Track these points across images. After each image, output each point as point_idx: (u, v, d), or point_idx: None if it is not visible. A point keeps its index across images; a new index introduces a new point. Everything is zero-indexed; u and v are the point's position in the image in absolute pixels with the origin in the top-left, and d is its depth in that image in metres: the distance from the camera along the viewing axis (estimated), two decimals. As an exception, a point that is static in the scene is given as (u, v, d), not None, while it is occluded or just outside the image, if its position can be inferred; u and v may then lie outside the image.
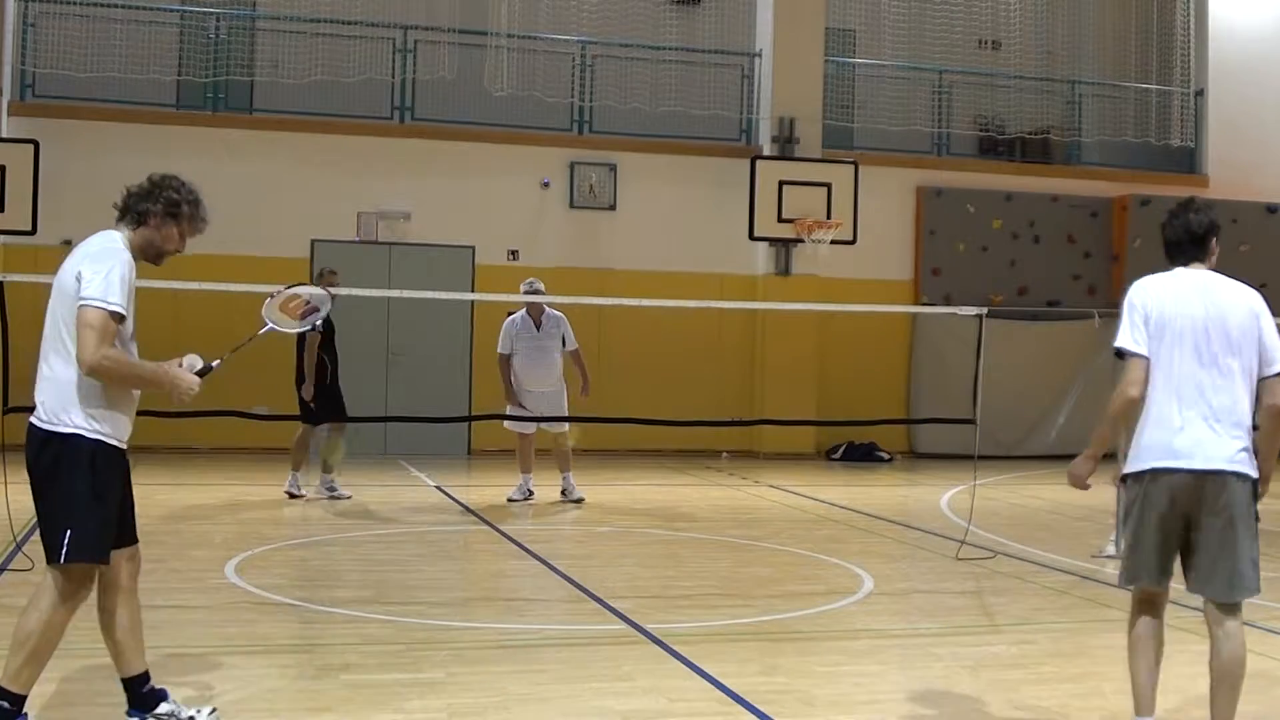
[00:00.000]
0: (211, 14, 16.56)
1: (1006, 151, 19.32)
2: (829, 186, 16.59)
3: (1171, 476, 4.53)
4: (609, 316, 15.53)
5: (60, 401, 4.40)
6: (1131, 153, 19.18)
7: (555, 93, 17.33)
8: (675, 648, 6.18)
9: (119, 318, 4.34)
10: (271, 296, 5.66)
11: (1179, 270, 4.75)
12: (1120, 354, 4.66)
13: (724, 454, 17.19)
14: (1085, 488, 4.82)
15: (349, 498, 11.73)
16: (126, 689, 4.62)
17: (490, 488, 13.06)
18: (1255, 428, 4.66)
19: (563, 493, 12.13)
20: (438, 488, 13.08)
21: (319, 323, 5.62)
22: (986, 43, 19.00)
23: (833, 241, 16.52)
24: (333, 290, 11.39)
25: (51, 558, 4.39)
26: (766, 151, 17.28)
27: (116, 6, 16.18)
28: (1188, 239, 4.74)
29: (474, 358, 16.67)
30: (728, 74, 17.93)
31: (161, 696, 4.65)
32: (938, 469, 15.87)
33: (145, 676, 4.62)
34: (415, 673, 5.65)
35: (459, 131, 16.79)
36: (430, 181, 16.71)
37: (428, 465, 14.90)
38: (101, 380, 4.33)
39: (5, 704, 4.33)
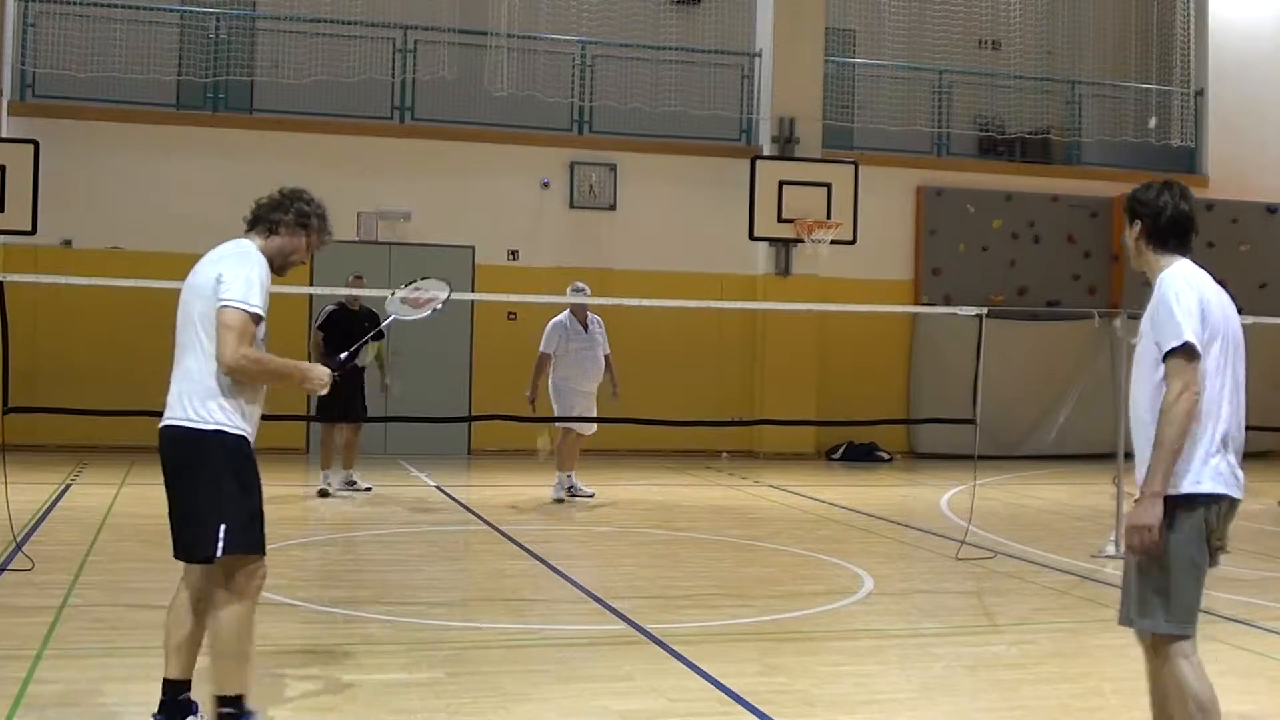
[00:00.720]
0: (211, 14, 16.56)
1: (1006, 151, 19.32)
2: (829, 186, 16.58)
3: (1232, 505, 4.05)
4: (609, 316, 15.42)
5: (201, 399, 4.51)
6: (1131, 153, 19.17)
7: (555, 93, 17.33)
8: (675, 648, 6.18)
9: (257, 319, 4.48)
10: (393, 293, 5.87)
11: (1189, 262, 4.16)
12: (1173, 352, 3.94)
13: (724, 454, 17.19)
14: (1158, 544, 3.93)
15: (356, 493, 11.88)
16: (163, 689, 4.64)
17: (490, 488, 13.07)
18: None
19: (570, 490, 12.20)
20: (438, 488, 13.08)
21: (439, 307, 5.86)
22: (986, 43, 19.00)
23: (833, 241, 16.50)
24: (353, 292, 11.49)
25: (205, 553, 4.46)
26: (766, 151, 17.28)
27: (116, 6, 16.18)
28: (1188, 225, 4.18)
29: (474, 358, 16.67)
30: (728, 74, 17.92)
31: (190, 710, 4.65)
32: (938, 469, 15.87)
33: (185, 685, 4.65)
34: (415, 673, 5.65)
35: (459, 131, 16.79)
36: (430, 181, 16.70)
37: (428, 465, 14.90)
38: (240, 378, 4.46)
39: (231, 710, 4.44)
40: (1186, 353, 3.93)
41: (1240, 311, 4.40)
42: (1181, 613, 3.98)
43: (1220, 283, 4.31)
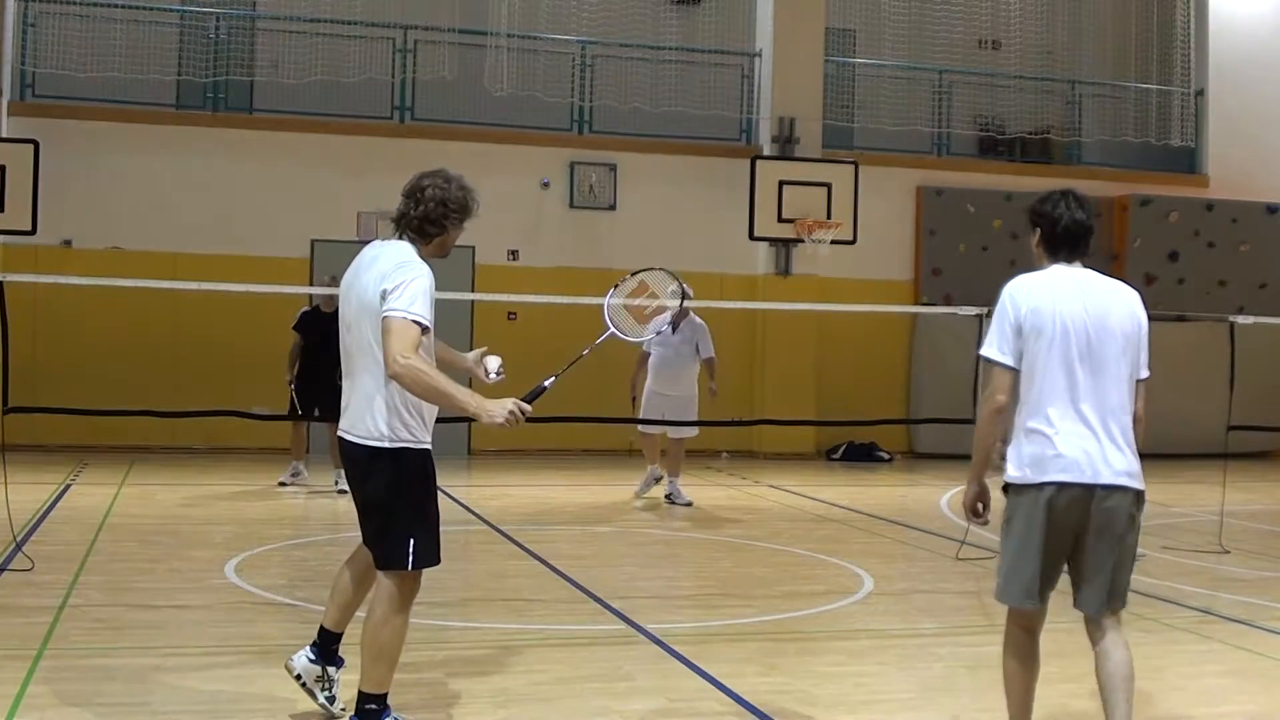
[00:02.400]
0: (211, 14, 16.55)
1: (1006, 151, 19.31)
2: (829, 186, 16.58)
3: (1060, 491, 4.26)
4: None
5: (384, 416, 4.56)
6: (1131, 153, 19.17)
7: (555, 93, 17.32)
8: (675, 648, 6.18)
9: (423, 329, 4.47)
10: (615, 289, 5.84)
11: (1057, 268, 4.48)
12: (982, 359, 4.44)
13: (724, 454, 17.18)
14: (984, 521, 4.54)
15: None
16: (320, 635, 5.02)
17: (490, 488, 13.07)
18: None
19: (668, 496, 12.07)
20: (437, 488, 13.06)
21: (659, 332, 5.90)
22: (986, 43, 18.98)
23: (833, 241, 16.50)
24: (327, 291, 11.53)
25: (394, 565, 4.62)
26: (766, 151, 17.27)
27: (116, 6, 16.16)
28: (1081, 234, 4.46)
29: (474, 358, 16.63)
30: (728, 74, 17.92)
31: (338, 662, 5.03)
32: (938, 469, 15.86)
33: (338, 638, 5.02)
34: (417, 673, 5.64)
35: (459, 131, 16.76)
36: (430, 181, 16.66)
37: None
38: (404, 386, 4.42)
39: (373, 706, 4.68)
40: (988, 362, 4.39)
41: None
42: (1005, 584, 4.41)
43: (1141, 282, 4.39)
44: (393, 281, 4.49)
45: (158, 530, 9.77)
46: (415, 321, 4.41)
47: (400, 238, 4.79)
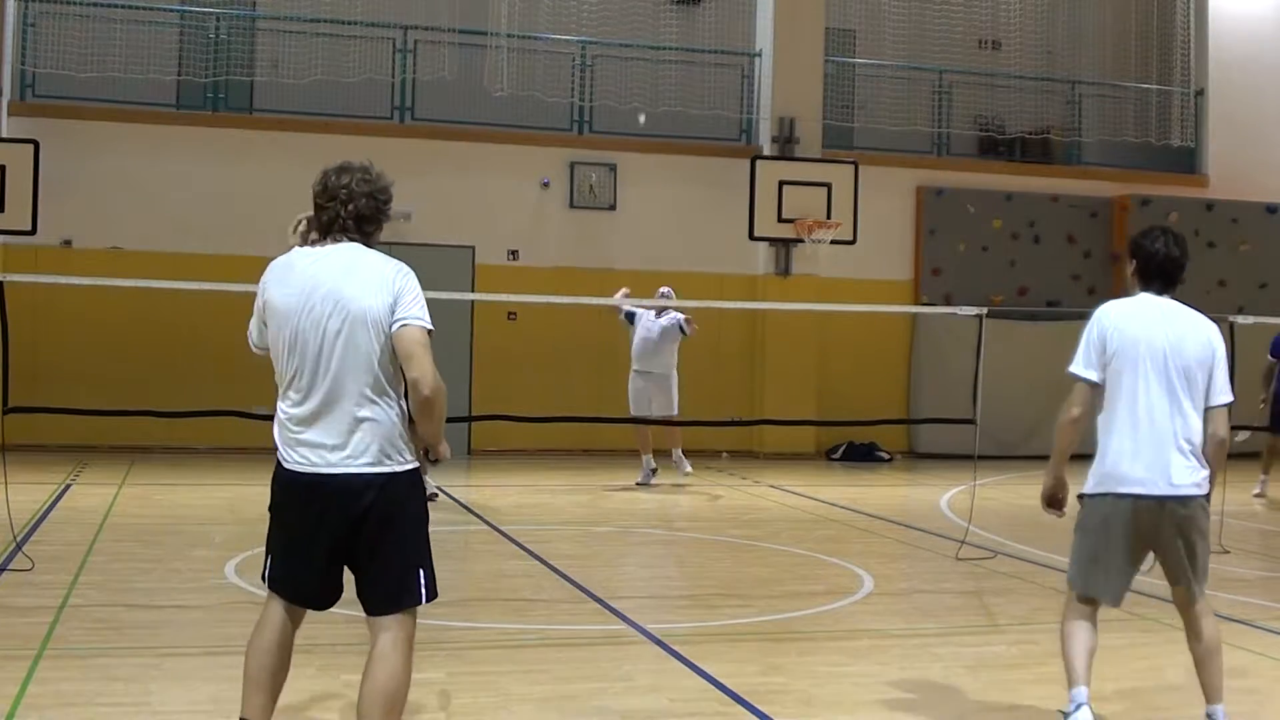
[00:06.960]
0: (211, 14, 16.55)
1: (1006, 151, 19.30)
2: (829, 186, 16.56)
3: (1135, 501, 4.75)
4: (609, 316, 15.49)
5: (390, 438, 4.10)
6: (1131, 153, 19.17)
7: (555, 93, 17.32)
8: (675, 648, 6.18)
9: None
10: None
11: (1146, 296, 4.95)
12: (1069, 374, 4.91)
13: (724, 454, 17.18)
14: (1060, 514, 5.10)
15: None
16: None
17: (490, 488, 13.06)
18: None
19: (685, 472, 13.42)
20: (438, 488, 13.07)
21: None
22: (986, 43, 18.98)
23: (833, 241, 16.50)
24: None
25: (411, 603, 4.15)
26: (766, 151, 17.26)
27: (116, 6, 16.17)
28: (1173, 270, 4.95)
29: (474, 358, 16.64)
30: (728, 74, 17.92)
31: None
32: (938, 469, 15.86)
33: None
34: (415, 673, 5.61)
35: (459, 131, 16.77)
36: (430, 181, 16.65)
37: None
38: (433, 409, 4.04)
39: None
40: (1074, 378, 4.88)
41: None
42: (1083, 580, 4.93)
43: (1197, 308, 4.91)
44: (401, 286, 4.12)
45: (158, 530, 9.77)
46: (430, 331, 4.08)
47: (327, 241, 4.33)
